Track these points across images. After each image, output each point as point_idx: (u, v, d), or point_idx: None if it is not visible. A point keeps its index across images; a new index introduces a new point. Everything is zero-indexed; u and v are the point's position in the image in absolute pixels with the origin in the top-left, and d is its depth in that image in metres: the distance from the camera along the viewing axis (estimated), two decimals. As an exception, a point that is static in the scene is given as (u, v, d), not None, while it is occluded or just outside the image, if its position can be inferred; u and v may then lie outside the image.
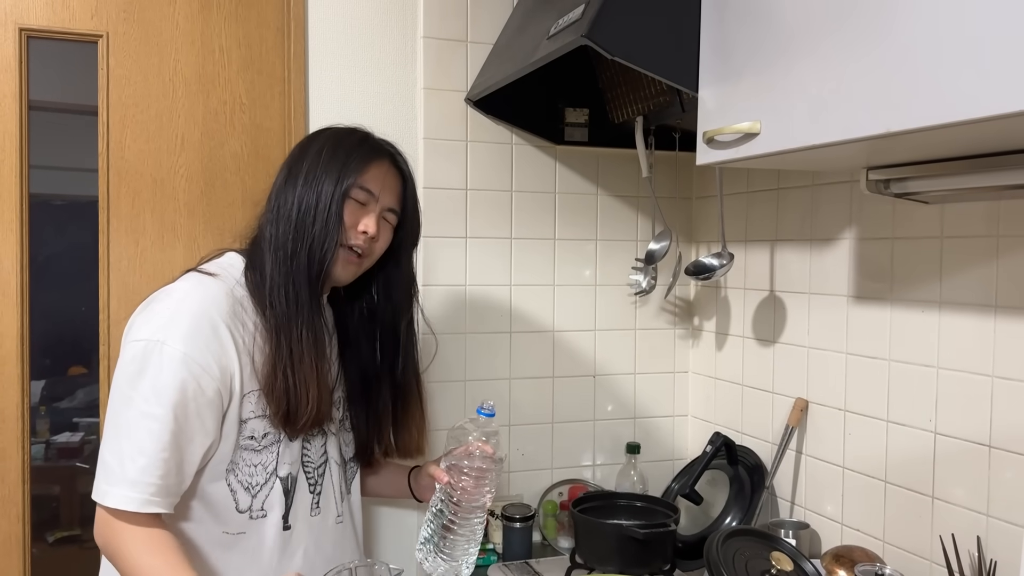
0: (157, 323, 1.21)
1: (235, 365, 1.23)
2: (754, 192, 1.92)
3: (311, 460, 1.35)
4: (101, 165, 1.75)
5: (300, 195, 1.29)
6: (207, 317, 1.22)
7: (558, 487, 2.07)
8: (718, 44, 1.32)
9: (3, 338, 1.70)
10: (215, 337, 1.21)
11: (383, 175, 1.35)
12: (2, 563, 1.71)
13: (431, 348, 1.82)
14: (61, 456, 1.80)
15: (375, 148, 1.37)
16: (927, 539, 1.47)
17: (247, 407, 1.25)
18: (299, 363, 1.25)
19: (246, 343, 1.25)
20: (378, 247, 1.37)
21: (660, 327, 2.16)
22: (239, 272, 1.31)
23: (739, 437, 1.94)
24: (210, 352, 1.20)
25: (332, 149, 1.33)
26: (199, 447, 1.21)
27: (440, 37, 1.93)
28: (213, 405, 1.21)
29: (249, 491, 1.26)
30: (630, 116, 1.86)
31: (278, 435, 1.28)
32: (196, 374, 1.18)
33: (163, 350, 1.18)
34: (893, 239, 1.55)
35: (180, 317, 1.21)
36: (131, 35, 1.76)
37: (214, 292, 1.26)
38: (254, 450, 1.27)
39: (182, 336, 1.19)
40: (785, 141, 1.17)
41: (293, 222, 1.29)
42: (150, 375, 1.18)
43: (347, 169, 1.31)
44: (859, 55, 1.05)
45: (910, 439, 1.51)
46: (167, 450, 1.17)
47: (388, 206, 1.36)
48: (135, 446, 1.17)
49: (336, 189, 1.29)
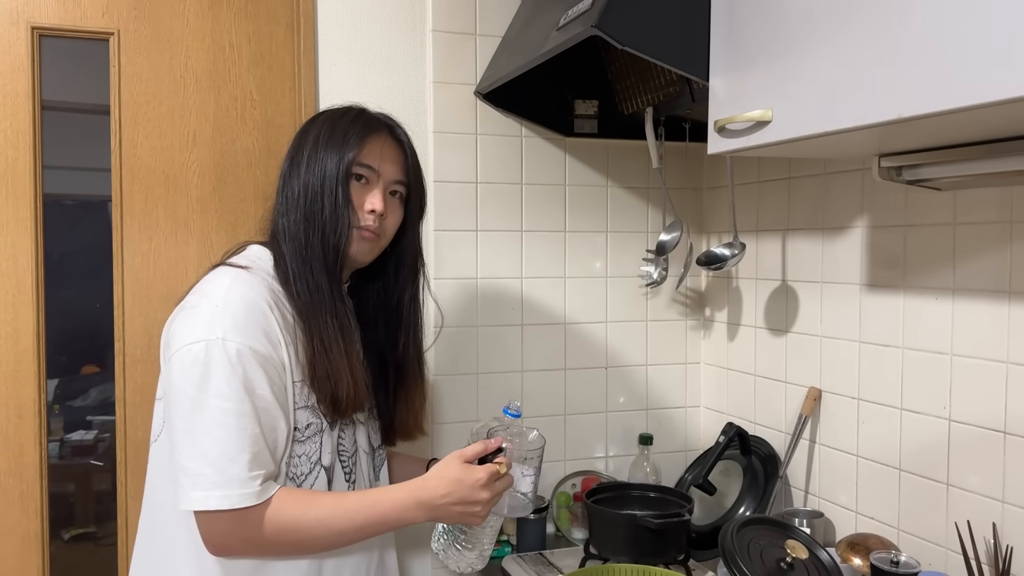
0: (209, 321, 1.18)
1: (284, 353, 1.22)
2: (765, 182, 1.92)
3: (345, 449, 1.34)
4: (114, 162, 1.76)
5: (304, 182, 1.28)
6: (257, 307, 1.21)
7: (571, 478, 2.07)
8: (728, 32, 1.32)
9: (19, 335, 1.72)
10: (269, 327, 1.21)
11: (380, 148, 1.32)
12: (21, 558, 1.72)
13: (439, 325, 1.82)
14: (76, 454, 1.81)
15: (370, 123, 1.34)
16: (942, 526, 1.47)
17: (291, 398, 1.25)
18: (330, 350, 1.24)
19: (288, 333, 1.24)
20: (389, 223, 1.34)
21: (671, 318, 2.16)
22: (269, 264, 1.30)
23: (752, 427, 1.94)
24: (269, 340, 1.20)
25: (329, 131, 1.31)
26: (282, 434, 1.21)
27: (449, 31, 1.93)
28: (285, 392, 1.22)
29: (294, 480, 1.26)
30: (640, 107, 1.86)
31: (320, 425, 1.27)
32: (262, 364, 1.18)
33: (226, 346, 1.16)
34: (906, 226, 1.55)
35: (233, 311, 1.19)
36: (142, 32, 1.76)
37: (256, 284, 1.24)
38: (299, 441, 1.26)
39: (239, 329, 1.17)
40: (797, 128, 1.17)
41: (302, 210, 1.28)
42: (219, 373, 1.15)
43: (345, 148, 1.28)
44: (871, 40, 1.05)
45: (924, 426, 1.51)
46: (259, 442, 1.17)
47: (392, 179, 1.33)
48: (230, 445, 1.15)
49: (337, 170, 1.27)
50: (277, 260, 1.29)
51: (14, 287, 1.71)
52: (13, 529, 1.72)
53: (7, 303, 1.71)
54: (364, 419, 1.40)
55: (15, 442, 1.72)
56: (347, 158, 1.28)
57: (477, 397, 1.99)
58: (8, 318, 1.71)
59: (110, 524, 1.82)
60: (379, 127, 1.34)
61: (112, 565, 1.80)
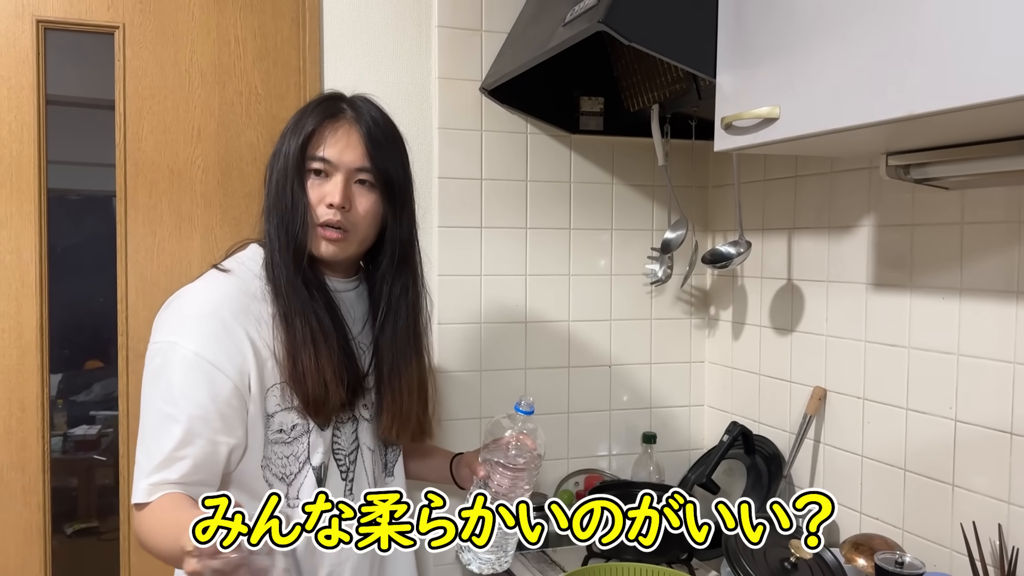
0: (171, 325, 1.22)
1: (250, 362, 1.21)
2: (771, 180, 1.91)
3: (341, 448, 1.32)
4: (118, 156, 1.76)
5: (272, 179, 1.27)
6: (217, 316, 1.21)
7: (574, 477, 2.07)
8: (736, 28, 1.32)
9: (23, 329, 1.71)
10: (227, 336, 1.20)
11: (337, 135, 1.25)
12: (23, 552, 1.72)
13: (440, 321, 1.81)
14: (79, 449, 1.81)
15: (326, 111, 1.27)
16: (947, 527, 1.46)
17: (271, 401, 1.24)
18: (309, 349, 1.23)
19: (263, 336, 1.23)
20: (359, 214, 1.26)
21: (676, 317, 2.16)
22: (258, 264, 1.29)
23: (756, 426, 1.93)
24: (223, 351, 1.19)
25: (292, 124, 1.28)
26: (223, 446, 1.19)
27: (454, 26, 1.93)
28: (231, 404, 1.19)
29: (284, 480, 1.26)
30: (646, 104, 1.85)
31: (307, 425, 1.26)
32: (209, 373, 1.18)
33: (175, 351, 1.18)
34: (913, 225, 1.54)
35: (191, 318, 1.21)
36: (147, 26, 1.76)
37: (224, 290, 1.25)
38: (284, 443, 1.25)
39: (193, 336, 1.19)
40: (805, 126, 1.16)
41: (271, 207, 1.27)
42: (165, 376, 1.18)
43: (300, 142, 1.24)
44: (880, 36, 1.04)
45: (930, 427, 1.50)
46: (183, 448, 1.17)
47: (353, 166, 1.25)
48: (156, 446, 1.18)
49: (291, 165, 1.23)
50: (265, 259, 1.28)
51: (18, 281, 1.71)
52: (15, 523, 1.72)
53: (10, 297, 1.70)
54: (369, 416, 1.38)
55: (18, 436, 1.72)
56: (300, 153, 1.24)
57: (481, 394, 1.99)
58: (11, 312, 1.71)
59: (112, 519, 1.82)
60: (336, 113, 1.27)
61: (115, 560, 1.80)
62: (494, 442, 1.35)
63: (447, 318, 1.95)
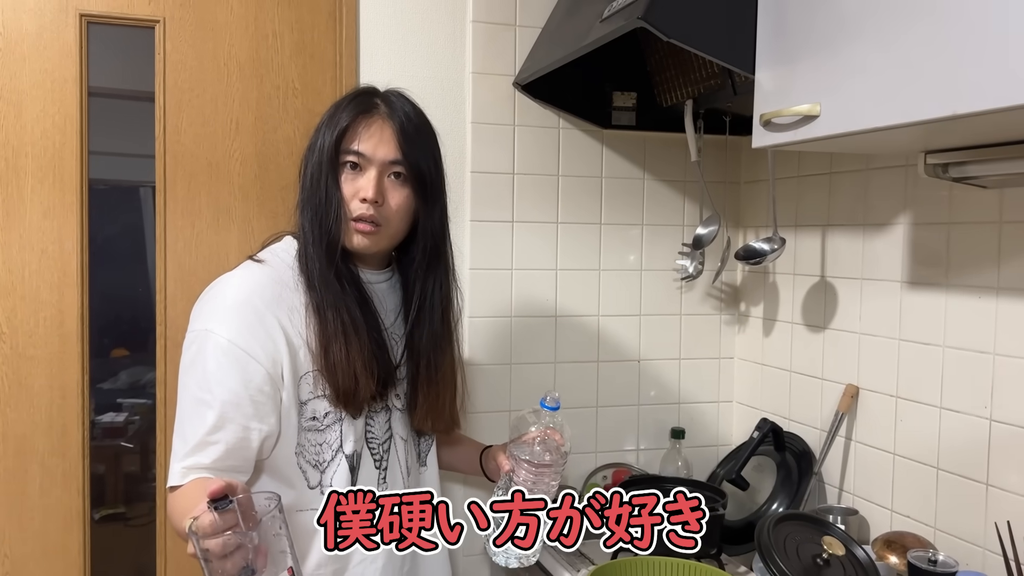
0: (206, 313, 1.24)
1: (283, 350, 1.23)
2: (805, 176, 1.91)
3: (375, 436, 1.34)
4: (158, 149, 1.78)
5: (307, 173, 1.29)
6: (250, 305, 1.23)
7: (602, 471, 2.08)
8: (776, 24, 1.32)
9: (64, 317, 1.75)
10: (260, 324, 1.22)
11: (373, 131, 1.26)
12: (64, 536, 1.76)
13: (472, 315, 1.81)
14: (105, 436, 1.84)
15: (360, 105, 1.28)
16: (981, 526, 1.45)
17: (304, 389, 1.26)
18: (340, 341, 1.25)
19: (295, 325, 1.25)
20: (392, 210, 1.28)
21: (706, 312, 2.16)
22: (291, 255, 1.31)
23: (786, 423, 1.93)
24: (255, 339, 1.21)
25: (327, 118, 1.29)
26: (255, 432, 1.21)
27: (489, 21, 1.93)
28: (263, 391, 1.21)
29: (318, 468, 1.28)
30: (679, 100, 1.85)
31: (339, 414, 1.28)
32: (242, 360, 1.20)
33: (209, 338, 1.21)
34: (950, 224, 1.53)
35: (225, 307, 1.24)
36: (187, 20, 1.78)
37: (258, 279, 1.27)
38: (317, 430, 1.27)
39: (227, 324, 1.21)
40: (846, 123, 1.16)
41: (306, 200, 1.28)
42: (200, 363, 1.21)
43: (335, 136, 1.25)
44: (924, 34, 1.04)
45: (964, 425, 1.49)
46: (215, 433, 1.19)
47: (386, 160, 1.26)
48: (191, 430, 1.21)
49: (326, 159, 1.25)
50: (299, 251, 1.30)
51: (59, 270, 1.74)
52: (56, 508, 1.76)
53: (52, 286, 1.74)
54: (402, 406, 1.40)
55: (59, 422, 1.75)
56: (335, 147, 1.25)
57: (510, 387, 2.00)
58: (53, 300, 1.74)
59: (140, 505, 1.85)
60: (370, 108, 1.28)
61: (148, 544, 1.83)
62: (520, 437, 1.36)
63: (478, 311, 1.96)
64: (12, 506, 1.73)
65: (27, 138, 1.71)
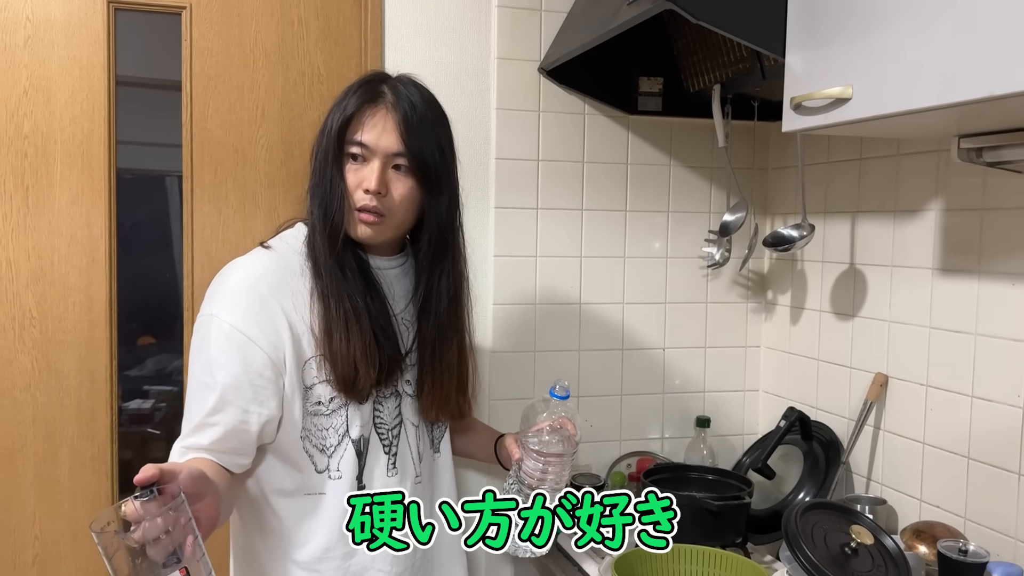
0: (212, 298, 1.26)
1: (285, 336, 1.23)
2: (834, 162, 1.88)
3: (384, 422, 1.34)
4: (185, 135, 1.79)
5: (316, 158, 1.29)
6: (254, 291, 1.24)
7: (626, 459, 2.07)
8: (807, 6, 1.29)
9: (93, 302, 1.76)
10: (263, 309, 1.23)
11: (377, 121, 1.25)
12: (92, 518, 1.78)
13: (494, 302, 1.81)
14: (132, 422, 1.86)
15: (366, 94, 1.26)
16: (1012, 517, 1.43)
17: (309, 373, 1.26)
18: (341, 329, 1.25)
19: (299, 310, 1.25)
20: (395, 201, 1.27)
21: (732, 300, 2.14)
22: (300, 241, 1.32)
23: (813, 412, 1.91)
24: (257, 324, 1.22)
25: (336, 102, 1.29)
26: (254, 416, 1.22)
27: (514, 6, 1.92)
28: (264, 375, 1.22)
29: (324, 452, 1.29)
30: (707, 84, 1.83)
31: (344, 399, 1.29)
32: (243, 345, 1.21)
33: (214, 323, 1.22)
34: (983, 210, 1.51)
35: (229, 292, 1.25)
36: (213, 6, 1.79)
37: (264, 265, 1.28)
38: (323, 415, 1.28)
39: (230, 309, 1.23)
40: (878, 106, 1.15)
41: (314, 187, 1.29)
42: (205, 347, 1.23)
43: (339, 124, 1.24)
44: (959, 14, 1.02)
45: (996, 415, 1.47)
46: (215, 415, 1.20)
47: (391, 151, 1.25)
48: (195, 411, 1.22)
49: (331, 148, 1.25)
50: (307, 237, 1.31)
51: (88, 256, 1.76)
52: (85, 491, 1.78)
53: (81, 271, 1.75)
54: (412, 392, 1.39)
55: (88, 407, 1.77)
56: (339, 137, 1.25)
57: (534, 375, 2.00)
58: (82, 286, 1.76)
59: (164, 491, 1.86)
60: (375, 97, 1.26)
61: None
62: (531, 427, 1.35)
63: (502, 299, 1.96)
64: (42, 488, 1.76)
65: (56, 124, 1.72)
